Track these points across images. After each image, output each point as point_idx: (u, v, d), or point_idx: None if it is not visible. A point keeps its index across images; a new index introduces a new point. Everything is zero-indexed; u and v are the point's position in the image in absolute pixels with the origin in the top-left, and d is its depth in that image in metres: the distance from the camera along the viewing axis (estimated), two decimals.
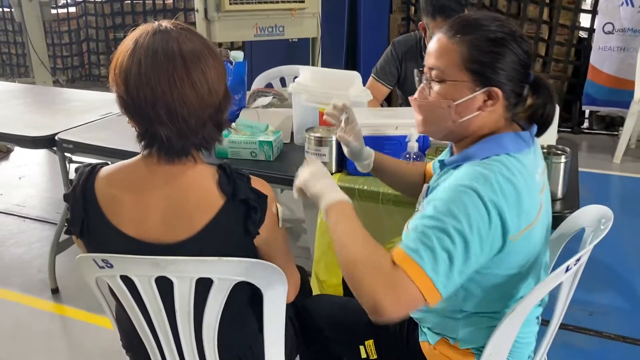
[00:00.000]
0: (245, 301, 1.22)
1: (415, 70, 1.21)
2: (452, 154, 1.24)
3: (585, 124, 5.09)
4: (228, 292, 1.12)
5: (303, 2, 3.88)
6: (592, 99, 4.81)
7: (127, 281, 1.12)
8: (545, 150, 1.63)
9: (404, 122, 1.76)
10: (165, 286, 1.10)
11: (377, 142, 1.82)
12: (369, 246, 1.03)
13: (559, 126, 5.00)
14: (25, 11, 5.43)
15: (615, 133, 4.77)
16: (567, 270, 1.10)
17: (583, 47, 4.89)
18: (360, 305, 1.40)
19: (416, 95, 1.19)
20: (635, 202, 3.62)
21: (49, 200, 3.62)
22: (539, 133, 1.18)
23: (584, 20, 4.94)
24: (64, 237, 2.52)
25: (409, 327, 1.30)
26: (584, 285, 2.59)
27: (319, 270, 1.76)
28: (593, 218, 1.29)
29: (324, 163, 1.82)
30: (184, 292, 1.11)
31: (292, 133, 2.15)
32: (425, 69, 1.16)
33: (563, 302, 1.20)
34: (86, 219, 1.11)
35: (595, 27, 4.71)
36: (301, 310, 1.44)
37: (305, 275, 1.56)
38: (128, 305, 1.16)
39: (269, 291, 1.17)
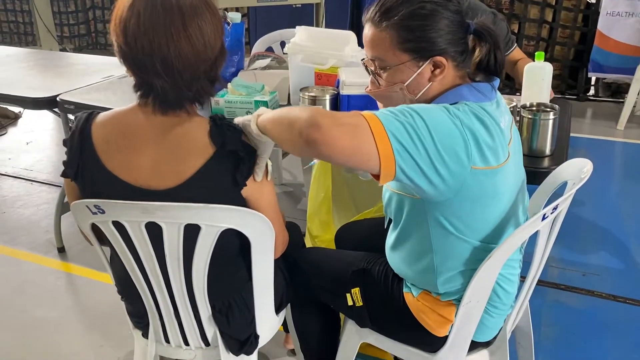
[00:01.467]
0: (235, 250, 1.27)
1: (361, 62, 1.23)
2: None
3: (592, 92, 5.05)
4: (215, 239, 1.17)
5: None
6: (599, 66, 4.75)
7: (120, 227, 1.17)
8: (534, 108, 1.65)
9: None
10: (155, 232, 1.15)
11: (368, 100, 1.84)
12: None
13: (565, 93, 5.01)
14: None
15: (621, 100, 4.72)
16: (543, 218, 1.13)
17: (591, 13, 4.81)
18: (348, 256, 1.47)
19: (369, 87, 1.22)
20: (637, 168, 3.62)
21: (56, 164, 3.68)
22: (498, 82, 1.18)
23: None
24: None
25: (394, 278, 1.34)
26: (579, 247, 2.66)
27: (313, 226, 1.81)
28: (575, 170, 1.32)
29: None
30: (173, 237, 1.15)
31: (288, 94, 2.17)
32: (368, 61, 1.19)
33: (540, 252, 1.23)
34: (81, 162, 1.15)
35: None
36: (292, 262, 1.49)
37: (299, 232, 1.61)
38: (120, 250, 1.21)
39: (256, 240, 1.22)
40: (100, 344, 2.04)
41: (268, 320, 1.41)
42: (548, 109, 1.62)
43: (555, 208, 1.13)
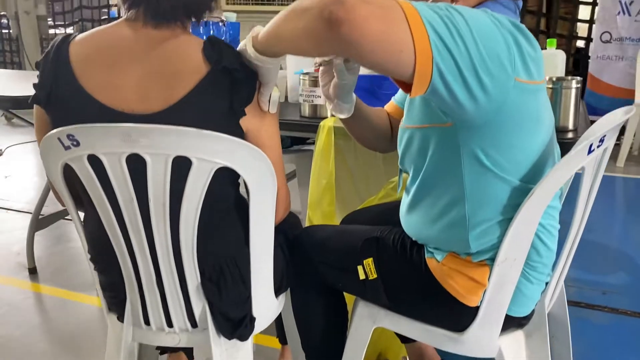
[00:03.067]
0: (230, 202, 1.09)
1: None
2: None
3: None
4: (208, 181, 0.99)
5: None
6: (593, 109, 4.74)
7: (96, 166, 0.99)
8: (555, 79, 1.53)
9: None
10: (138, 170, 0.97)
11: (374, 81, 1.72)
12: None
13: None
14: (22, 25, 5.44)
15: (618, 142, 4.69)
16: (589, 151, 0.98)
17: (581, 57, 4.88)
18: (358, 229, 1.28)
19: None
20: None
21: (34, 196, 3.50)
22: None
23: (581, 30, 4.94)
24: (42, 215, 2.42)
25: (413, 245, 1.16)
26: (595, 268, 2.50)
27: (314, 216, 1.63)
28: (607, 124, 1.18)
29: (319, 105, 1.72)
30: (159, 175, 0.97)
31: (286, 93, 2.06)
32: None
33: (585, 196, 1.07)
34: (55, 83, 0.99)
35: (592, 36, 4.71)
36: (293, 240, 1.30)
37: (298, 221, 1.43)
38: (96, 195, 1.02)
39: (255, 187, 1.05)
40: None
41: (266, 301, 1.20)
42: (568, 79, 1.50)
43: (602, 140, 0.98)
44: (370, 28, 0.78)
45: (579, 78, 1.50)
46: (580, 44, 4.98)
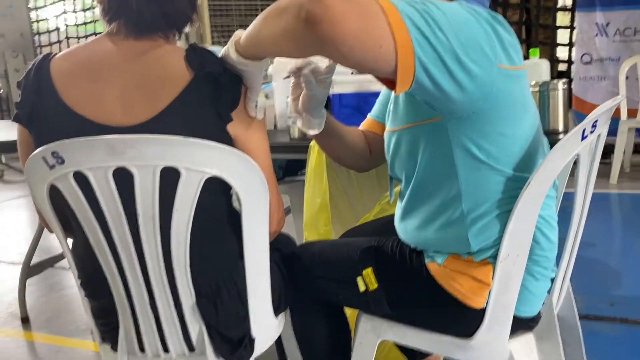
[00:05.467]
0: (222, 214, 1.06)
1: None
2: None
3: None
4: (198, 192, 0.97)
5: None
6: None
7: (82, 184, 0.96)
8: (541, 82, 1.54)
9: None
10: (125, 186, 0.95)
11: (361, 98, 1.72)
12: None
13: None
14: (12, 83, 5.49)
15: (607, 161, 4.70)
16: (583, 137, 0.96)
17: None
18: (354, 240, 1.25)
19: None
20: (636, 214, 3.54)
21: (26, 248, 3.43)
22: None
23: (561, 53, 5.04)
24: (34, 262, 2.38)
25: (412, 250, 1.13)
26: (600, 281, 2.45)
27: (311, 237, 1.60)
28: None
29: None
30: (147, 188, 0.95)
31: (275, 121, 2.06)
32: None
33: (583, 188, 1.05)
34: (38, 100, 0.98)
35: (573, 59, 4.80)
36: (289, 256, 1.27)
37: (293, 243, 1.39)
38: (83, 215, 0.99)
39: (247, 196, 1.02)
40: None
41: (265, 319, 1.16)
42: (555, 82, 1.51)
43: (594, 126, 0.97)
44: (348, 25, 0.78)
45: (565, 79, 1.50)
46: (562, 67, 5.06)
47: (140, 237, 0.99)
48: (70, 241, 1.12)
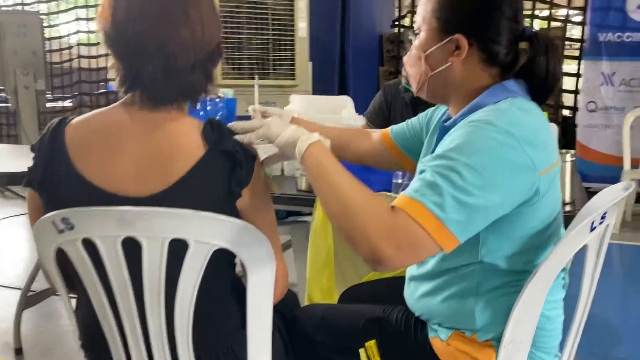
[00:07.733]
0: (226, 285, 1.06)
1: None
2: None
3: None
4: (205, 263, 0.97)
5: (294, 79, 3.97)
6: (584, 175, 4.80)
7: (90, 251, 0.96)
8: None
9: None
10: (133, 255, 0.95)
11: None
12: (362, 191, 0.92)
13: None
14: (21, 101, 5.50)
15: None
16: (592, 229, 0.97)
17: (568, 126, 4.98)
18: (359, 308, 1.25)
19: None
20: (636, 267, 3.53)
21: (23, 270, 3.42)
22: (541, 97, 1.09)
23: (567, 100, 5.08)
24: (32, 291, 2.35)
25: (416, 324, 1.13)
26: (599, 338, 2.43)
27: (314, 293, 1.59)
28: (608, 198, 1.17)
29: None
30: (155, 258, 0.95)
31: (282, 164, 2.07)
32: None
33: (590, 274, 1.05)
34: (50, 166, 0.98)
35: (578, 106, 4.84)
36: (291, 321, 1.26)
37: (292, 293, 1.39)
38: (89, 281, 0.99)
39: (254, 268, 1.02)
40: None
41: None
42: (563, 152, 1.52)
43: (603, 217, 0.98)
44: (407, 262, 0.95)
45: (572, 151, 1.52)
46: (566, 112, 5.10)
47: (144, 304, 0.98)
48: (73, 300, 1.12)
